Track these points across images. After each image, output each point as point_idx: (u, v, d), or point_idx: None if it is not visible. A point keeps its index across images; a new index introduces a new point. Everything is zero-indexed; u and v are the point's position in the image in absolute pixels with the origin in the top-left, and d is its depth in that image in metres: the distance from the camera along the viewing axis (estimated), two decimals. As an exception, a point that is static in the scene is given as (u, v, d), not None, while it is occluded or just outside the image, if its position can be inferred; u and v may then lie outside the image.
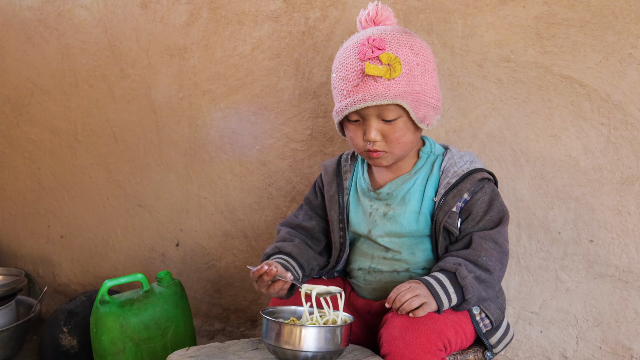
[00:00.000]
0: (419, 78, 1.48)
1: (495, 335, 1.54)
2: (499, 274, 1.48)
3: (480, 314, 1.51)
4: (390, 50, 1.47)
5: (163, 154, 2.56)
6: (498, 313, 1.54)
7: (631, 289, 1.70)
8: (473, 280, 1.42)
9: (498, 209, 1.53)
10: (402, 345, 1.34)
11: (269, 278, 1.47)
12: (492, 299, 1.53)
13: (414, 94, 1.47)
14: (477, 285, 1.42)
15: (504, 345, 1.55)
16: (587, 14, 1.66)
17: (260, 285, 1.50)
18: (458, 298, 1.42)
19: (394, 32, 1.51)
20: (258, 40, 2.23)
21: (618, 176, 1.68)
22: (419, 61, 1.49)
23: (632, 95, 1.63)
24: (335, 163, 1.73)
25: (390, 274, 1.58)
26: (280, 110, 2.22)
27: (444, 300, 1.40)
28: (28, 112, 2.97)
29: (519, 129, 1.79)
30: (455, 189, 1.52)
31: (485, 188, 1.54)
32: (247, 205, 2.37)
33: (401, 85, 1.46)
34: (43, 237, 3.04)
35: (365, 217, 1.61)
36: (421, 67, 1.49)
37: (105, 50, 2.64)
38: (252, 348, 1.48)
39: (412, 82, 1.47)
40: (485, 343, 1.52)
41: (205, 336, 2.50)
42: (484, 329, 1.52)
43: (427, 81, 1.50)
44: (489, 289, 1.46)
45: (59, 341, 2.30)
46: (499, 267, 1.47)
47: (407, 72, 1.47)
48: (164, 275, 2.16)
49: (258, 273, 1.48)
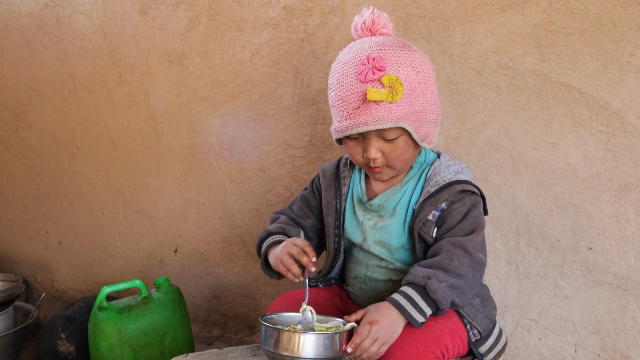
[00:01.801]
0: (420, 97, 1.45)
1: (485, 345, 1.53)
2: (472, 280, 1.43)
3: (467, 325, 1.50)
4: (391, 70, 1.42)
5: (162, 160, 2.56)
6: (486, 322, 1.52)
7: (629, 296, 1.70)
8: (445, 289, 1.38)
9: (472, 220, 1.48)
10: (400, 354, 1.34)
11: (306, 261, 1.48)
12: (478, 309, 1.52)
13: (415, 113, 1.44)
14: (449, 293, 1.38)
15: (496, 353, 1.54)
16: (585, 22, 1.67)
17: (294, 254, 1.50)
18: (432, 309, 1.39)
19: (393, 49, 1.46)
20: (257, 46, 2.23)
21: (617, 184, 1.68)
22: (420, 79, 1.45)
23: (631, 103, 1.64)
24: (334, 167, 1.71)
25: (385, 282, 1.58)
26: (279, 116, 2.23)
27: (416, 317, 1.37)
28: (27, 118, 2.97)
29: (518, 136, 1.79)
30: (433, 197, 1.49)
31: (465, 200, 1.50)
32: (246, 212, 2.37)
33: (403, 107, 1.42)
34: (41, 243, 3.04)
35: (359, 226, 1.61)
36: (422, 85, 1.46)
37: (104, 57, 2.64)
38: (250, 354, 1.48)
39: (413, 103, 1.44)
40: (475, 352, 1.51)
41: (204, 342, 2.49)
42: (472, 338, 1.51)
43: (427, 98, 1.47)
44: (462, 295, 1.41)
45: (57, 347, 2.29)
46: (472, 274, 1.43)
47: (408, 92, 1.43)
48: (162, 281, 2.15)
49: (310, 252, 1.49)
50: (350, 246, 1.66)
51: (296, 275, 1.50)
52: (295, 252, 1.49)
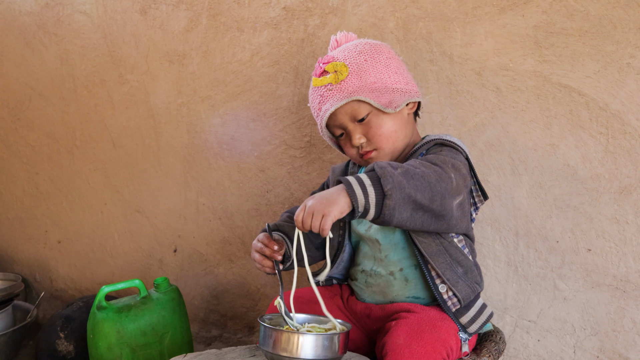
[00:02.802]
0: (370, 71, 1.54)
1: (466, 315, 1.49)
2: (434, 180, 1.34)
3: (447, 292, 1.48)
4: (335, 60, 1.56)
5: (161, 160, 2.56)
6: (467, 291, 1.49)
7: (629, 298, 1.70)
8: (394, 172, 1.30)
9: (448, 154, 1.46)
10: (407, 354, 1.33)
11: (269, 253, 1.52)
12: (460, 276, 1.48)
13: (369, 85, 1.52)
14: (400, 178, 1.29)
15: (480, 325, 1.50)
16: (585, 24, 1.67)
17: (257, 250, 1.55)
18: (376, 192, 1.29)
19: (345, 46, 1.61)
20: (257, 47, 2.23)
21: (616, 185, 1.68)
22: (366, 57, 1.55)
23: (631, 104, 1.64)
24: (343, 165, 1.76)
25: (388, 277, 1.58)
26: (279, 117, 2.23)
27: (357, 192, 1.29)
28: (26, 117, 2.97)
29: (518, 137, 1.79)
30: (415, 153, 1.55)
31: (444, 149, 1.50)
32: (245, 212, 2.37)
33: (353, 83, 1.52)
34: (40, 242, 3.04)
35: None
36: (370, 61, 1.54)
37: (104, 56, 2.65)
38: (249, 355, 1.48)
39: (363, 76, 1.53)
40: (456, 323, 1.48)
41: (202, 342, 2.49)
42: (452, 307, 1.48)
43: (380, 70, 1.55)
44: (420, 190, 1.31)
45: (56, 347, 2.29)
46: (435, 178, 1.35)
47: (355, 70, 1.53)
48: (162, 281, 2.15)
49: (269, 243, 1.53)
50: (359, 240, 1.67)
51: (269, 267, 1.56)
52: (259, 248, 1.55)
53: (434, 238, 1.49)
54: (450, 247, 1.50)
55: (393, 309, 1.53)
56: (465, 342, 1.47)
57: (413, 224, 1.35)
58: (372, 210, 1.31)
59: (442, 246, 1.49)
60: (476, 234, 1.85)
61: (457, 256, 1.50)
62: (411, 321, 1.40)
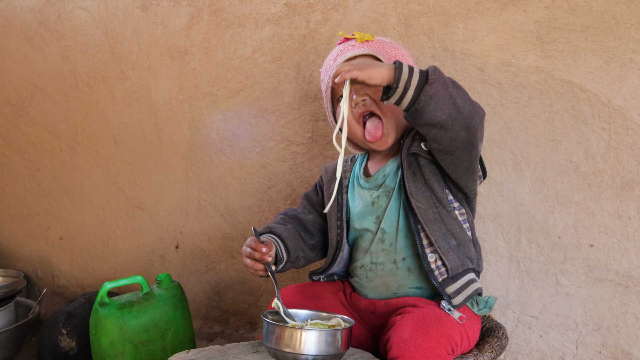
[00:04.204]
0: (391, 49, 1.60)
1: (453, 285, 1.49)
2: (470, 102, 1.41)
3: (436, 261, 1.49)
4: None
5: (163, 156, 2.56)
6: (456, 262, 1.49)
7: (631, 293, 1.70)
8: (445, 77, 1.37)
9: None
10: (412, 348, 1.33)
11: (259, 256, 1.50)
12: (452, 247, 1.49)
13: (387, 55, 1.58)
14: (447, 80, 1.37)
15: (465, 297, 1.49)
16: (588, 19, 1.66)
17: (247, 255, 1.53)
18: (420, 79, 1.35)
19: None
20: (259, 43, 2.23)
21: (618, 181, 1.68)
22: (390, 43, 1.63)
23: (633, 100, 1.63)
24: (335, 164, 1.74)
25: (390, 265, 1.57)
26: (280, 113, 2.23)
27: (405, 70, 1.35)
28: (28, 114, 2.97)
29: (520, 133, 1.79)
30: (413, 130, 1.56)
31: None
32: (247, 208, 2.37)
33: (375, 46, 1.58)
34: (42, 238, 3.04)
35: (369, 208, 1.61)
36: (393, 46, 1.62)
37: (105, 52, 2.64)
38: (252, 351, 1.48)
39: (385, 49, 1.59)
40: (441, 293, 1.48)
41: (205, 339, 2.50)
42: (439, 277, 1.48)
43: (401, 52, 1.62)
44: (461, 96, 1.39)
45: (58, 343, 2.30)
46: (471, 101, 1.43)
47: (379, 42, 1.60)
48: (164, 277, 2.16)
49: (257, 246, 1.51)
50: (356, 237, 1.67)
51: (261, 270, 1.54)
52: (248, 253, 1.53)
53: (432, 206, 1.51)
54: (447, 217, 1.51)
55: (398, 304, 1.53)
56: (450, 313, 1.46)
57: (444, 123, 1.37)
58: (410, 91, 1.35)
59: (439, 215, 1.50)
60: (478, 229, 1.85)
61: (453, 227, 1.51)
62: (416, 316, 1.40)
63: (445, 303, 1.46)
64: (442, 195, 1.52)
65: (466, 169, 1.50)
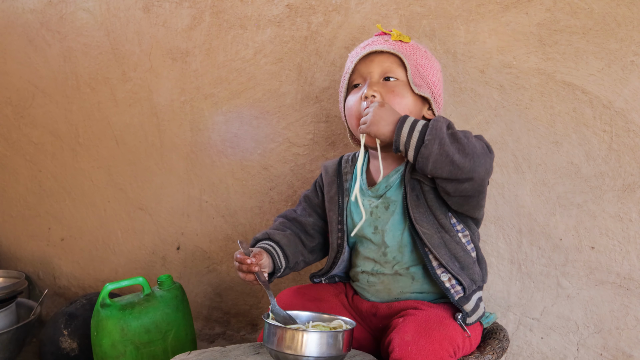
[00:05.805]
0: (421, 59, 1.58)
1: (468, 304, 1.50)
2: (476, 149, 1.40)
3: (450, 280, 1.49)
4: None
5: (164, 158, 2.56)
6: (468, 282, 1.51)
7: (632, 296, 1.70)
8: (444, 129, 1.38)
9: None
10: (415, 350, 1.33)
11: (246, 268, 1.50)
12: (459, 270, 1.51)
13: (415, 62, 1.56)
14: (444, 134, 1.37)
15: (477, 318, 1.51)
16: (589, 21, 1.66)
17: (237, 269, 1.54)
18: (418, 139, 1.39)
19: None
20: (260, 44, 2.23)
21: (620, 183, 1.68)
22: (425, 50, 1.62)
23: (634, 102, 1.64)
24: (335, 164, 1.74)
25: (392, 276, 1.58)
26: (282, 114, 2.23)
27: (405, 126, 1.41)
28: (29, 115, 2.97)
29: (521, 135, 1.79)
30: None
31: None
32: (249, 209, 2.37)
33: (406, 50, 1.57)
34: (44, 239, 3.04)
35: (368, 217, 1.61)
36: (425, 55, 1.60)
37: (107, 54, 2.65)
38: (253, 352, 1.48)
39: (415, 56, 1.57)
40: (460, 309, 1.49)
41: (206, 340, 2.50)
42: (455, 295, 1.49)
43: (430, 65, 1.60)
44: (459, 151, 1.38)
45: (59, 344, 2.30)
46: (480, 148, 1.42)
47: (412, 46, 1.59)
48: (165, 278, 2.16)
49: (242, 259, 1.51)
50: (357, 242, 1.67)
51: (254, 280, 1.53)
52: (237, 267, 1.53)
53: (436, 230, 1.50)
54: (451, 242, 1.51)
55: (400, 307, 1.53)
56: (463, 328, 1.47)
57: (447, 177, 1.41)
58: (410, 151, 1.40)
59: (443, 240, 1.50)
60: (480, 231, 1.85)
61: (457, 251, 1.51)
62: (419, 318, 1.40)
63: (461, 319, 1.48)
64: (445, 221, 1.52)
65: (473, 206, 1.52)
